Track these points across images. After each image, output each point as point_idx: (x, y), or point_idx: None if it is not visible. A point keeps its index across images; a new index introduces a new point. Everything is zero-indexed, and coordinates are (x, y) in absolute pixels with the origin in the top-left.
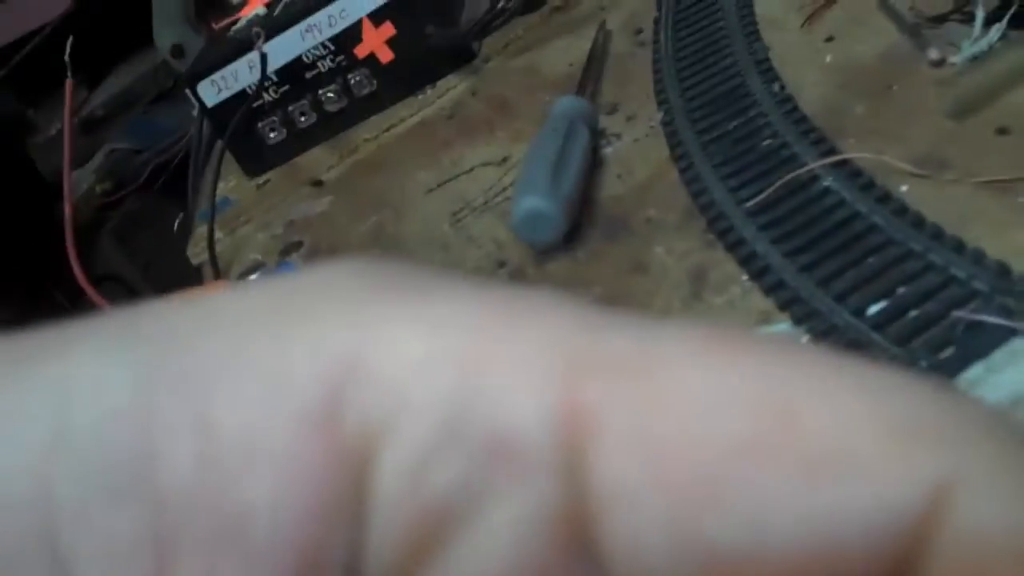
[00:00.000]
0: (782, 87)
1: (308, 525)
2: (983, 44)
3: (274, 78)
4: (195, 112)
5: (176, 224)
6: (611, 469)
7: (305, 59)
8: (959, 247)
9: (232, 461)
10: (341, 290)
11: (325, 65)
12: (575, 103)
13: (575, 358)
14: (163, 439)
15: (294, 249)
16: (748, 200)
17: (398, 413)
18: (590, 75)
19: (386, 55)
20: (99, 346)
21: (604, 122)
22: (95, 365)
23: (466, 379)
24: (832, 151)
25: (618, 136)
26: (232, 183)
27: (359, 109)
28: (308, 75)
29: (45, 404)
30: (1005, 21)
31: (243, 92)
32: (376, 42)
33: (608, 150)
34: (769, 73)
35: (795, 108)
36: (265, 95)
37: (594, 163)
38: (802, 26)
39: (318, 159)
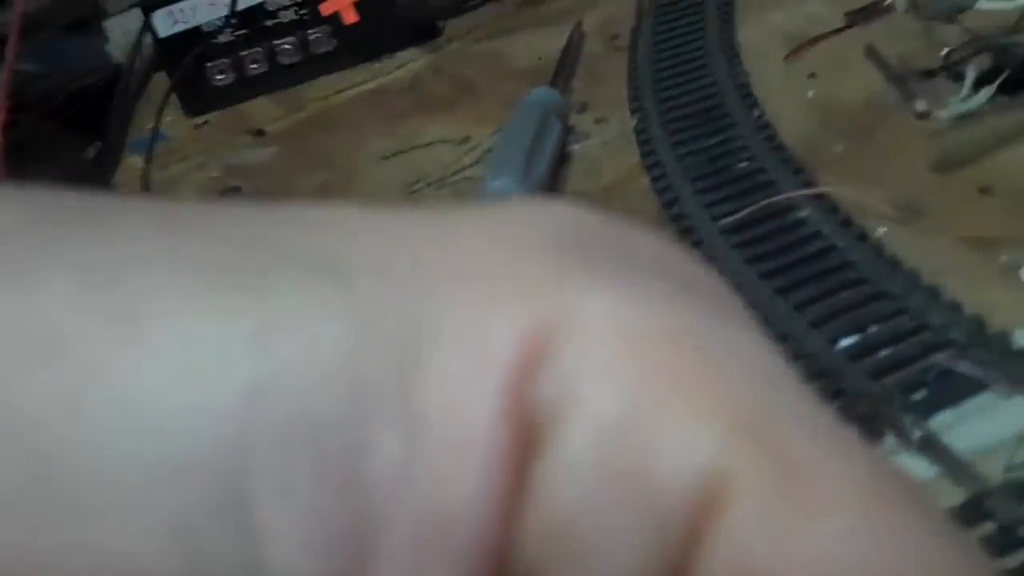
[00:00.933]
0: (761, 114)
1: (503, 522)
2: (971, 104)
3: (233, 20)
4: (119, 42)
5: (92, 153)
6: (719, 560)
7: (268, 6)
8: (935, 295)
9: (440, 452)
10: (548, 246)
11: (287, 16)
12: (550, 94)
13: (746, 431)
14: (373, 420)
15: (232, 194)
16: (723, 217)
17: (565, 414)
18: (564, 69)
19: (350, 16)
20: (305, 277)
21: (573, 120)
22: (301, 304)
23: (639, 403)
24: (810, 183)
25: (587, 135)
26: (168, 119)
27: (314, 66)
28: (268, 23)
29: (244, 344)
30: (995, 86)
31: (197, 29)
32: (343, 2)
33: (576, 147)
34: (749, 98)
35: (774, 136)
36: (219, 36)
37: (562, 158)
38: (785, 59)
39: (264, 109)
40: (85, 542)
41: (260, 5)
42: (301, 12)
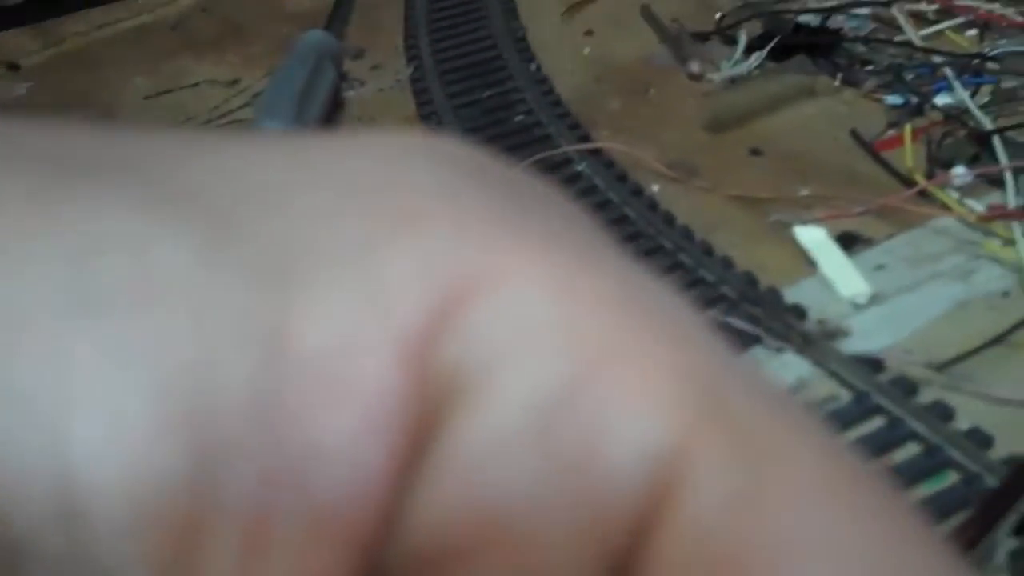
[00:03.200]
0: (538, 67)
1: (384, 480)
2: (742, 68)
3: None
4: None
5: None
6: (677, 553)
7: None
8: (708, 251)
9: (304, 388)
10: (446, 187)
11: None
12: (325, 38)
13: (698, 404)
14: (224, 348)
15: None
16: None
17: (488, 379)
18: (339, 14)
19: None
20: (136, 198)
21: (348, 66)
22: (132, 224)
23: (576, 374)
24: (587, 138)
25: (362, 82)
26: None
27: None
28: None
29: (63, 261)
30: (766, 51)
31: None
32: None
33: (351, 94)
34: (526, 53)
35: (551, 90)
36: None
37: (335, 104)
38: (562, 15)
39: (17, 42)
40: None
41: None
42: None
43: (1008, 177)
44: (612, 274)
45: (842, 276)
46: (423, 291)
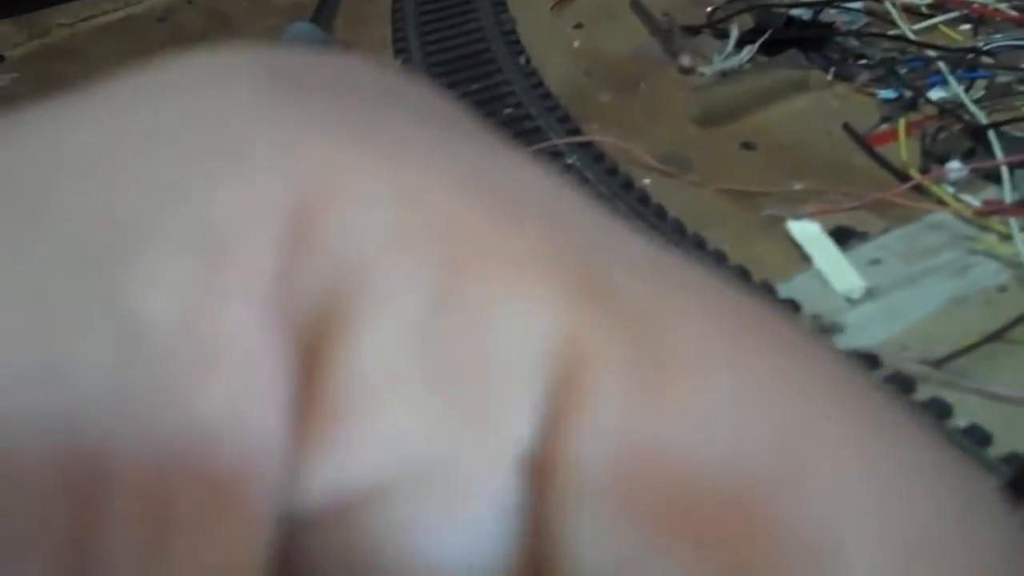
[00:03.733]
0: (528, 60)
1: (280, 440)
2: (734, 61)
3: None
4: None
5: None
6: (586, 447)
7: None
8: (701, 246)
9: (168, 363)
10: (266, 107)
11: None
12: (312, 30)
13: (582, 291)
14: (69, 342)
15: None
16: None
17: (358, 300)
18: (326, 6)
19: None
20: None
21: None
22: None
23: (447, 277)
24: (577, 132)
25: None
26: None
27: None
28: None
29: None
30: (757, 45)
31: None
32: None
33: None
34: (516, 45)
35: (541, 83)
36: None
37: None
38: (551, 8)
39: (2, 33)
40: None
41: None
42: None
43: (1004, 172)
44: (467, 167)
45: (836, 271)
46: (264, 230)
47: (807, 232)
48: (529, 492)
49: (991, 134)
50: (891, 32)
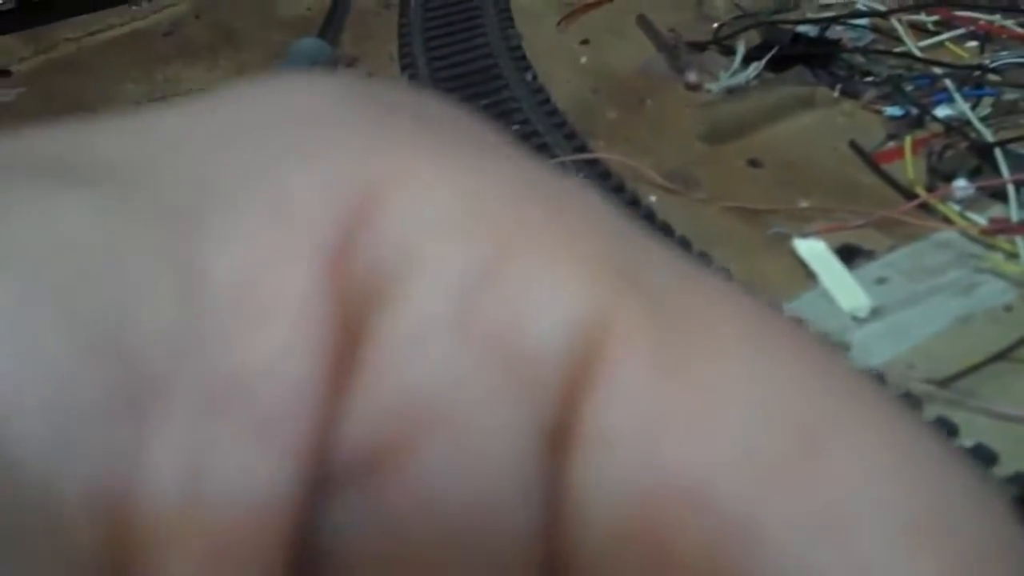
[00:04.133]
0: (535, 76)
1: (320, 390)
2: (740, 78)
3: None
4: None
5: None
6: (609, 417)
7: None
8: (707, 263)
9: (227, 312)
10: (333, 111)
11: None
12: (318, 45)
13: (614, 277)
14: (139, 286)
15: None
16: None
17: (406, 275)
18: (334, 21)
19: None
20: (41, 179)
21: (342, 74)
22: (43, 205)
23: (491, 258)
24: (583, 148)
25: None
26: None
27: (64, 5)
28: None
29: None
30: (764, 62)
31: None
32: None
33: None
34: (522, 61)
35: (547, 100)
36: None
37: None
38: (558, 24)
39: (9, 48)
40: None
41: None
42: None
43: (1011, 190)
44: (513, 170)
45: (843, 289)
46: (329, 203)
47: (813, 250)
48: (553, 459)
49: (998, 152)
50: (897, 49)
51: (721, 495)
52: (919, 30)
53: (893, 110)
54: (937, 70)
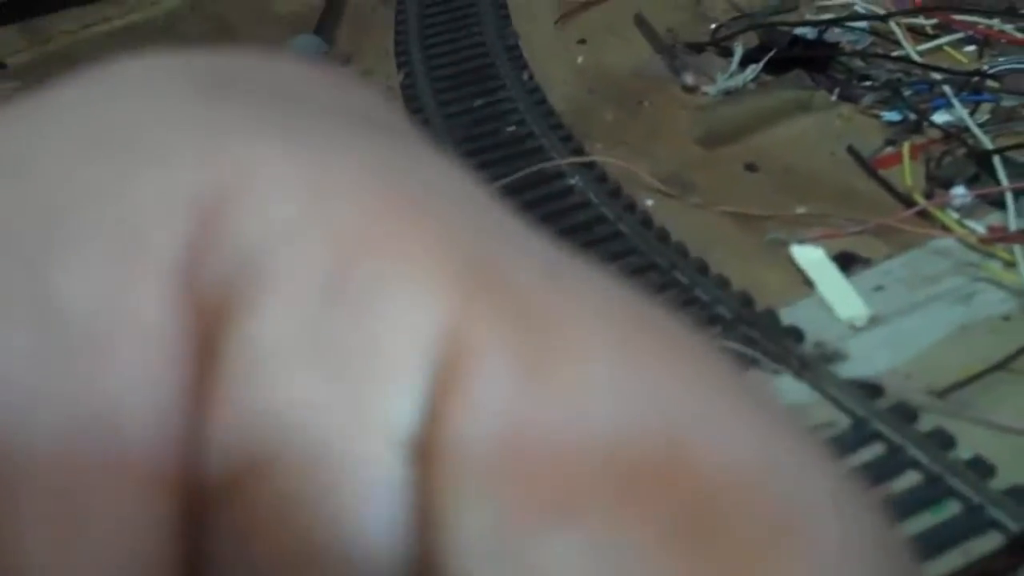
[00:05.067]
0: (531, 76)
1: (176, 413)
2: (738, 80)
3: None
4: None
5: None
6: (467, 433)
7: None
8: (703, 270)
9: (80, 345)
10: (183, 105)
11: None
12: (314, 42)
13: (470, 280)
14: None
15: None
16: (491, 181)
17: (253, 291)
18: (329, 18)
19: None
20: None
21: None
22: None
23: (335, 268)
24: (580, 151)
25: None
26: None
27: None
28: None
29: None
30: (762, 64)
31: None
32: None
33: None
34: (519, 61)
35: (544, 101)
36: None
37: None
38: (555, 23)
39: (6, 41)
40: None
41: None
42: None
43: (1009, 198)
44: (368, 160)
45: (840, 297)
46: (173, 216)
47: (811, 257)
48: (414, 477)
49: (996, 159)
50: (895, 53)
51: (584, 497)
52: (918, 34)
53: (891, 115)
54: (935, 75)
